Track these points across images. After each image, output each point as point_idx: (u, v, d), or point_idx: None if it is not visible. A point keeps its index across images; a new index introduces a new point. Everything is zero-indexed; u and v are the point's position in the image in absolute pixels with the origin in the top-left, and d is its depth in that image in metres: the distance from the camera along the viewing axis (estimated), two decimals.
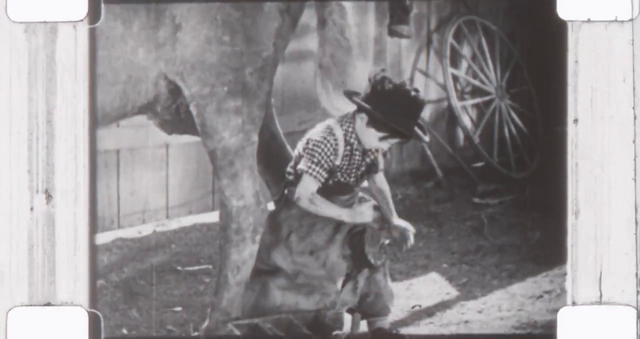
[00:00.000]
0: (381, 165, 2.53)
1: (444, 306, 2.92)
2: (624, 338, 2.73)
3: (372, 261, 2.41)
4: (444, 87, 3.99)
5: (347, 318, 2.62)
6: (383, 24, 3.76)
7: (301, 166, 2.36)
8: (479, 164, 3.90)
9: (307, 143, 2.42)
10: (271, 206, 2.65)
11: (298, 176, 2.44)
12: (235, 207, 2.42)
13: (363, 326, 2.63)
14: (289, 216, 2.46)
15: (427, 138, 2.37)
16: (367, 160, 2.43)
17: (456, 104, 3.99)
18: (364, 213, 2.39)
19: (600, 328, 2.74)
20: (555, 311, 2.79)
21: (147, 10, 2.26)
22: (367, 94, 2.32)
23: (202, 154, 2.84)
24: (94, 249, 2.70)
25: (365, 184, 2.62)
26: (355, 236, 2.45)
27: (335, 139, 2.36)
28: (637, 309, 2.71)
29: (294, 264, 2.40)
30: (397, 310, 2.85)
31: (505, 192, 3.69)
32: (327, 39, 2.50)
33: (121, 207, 3.27)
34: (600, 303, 2.75)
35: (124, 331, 2.62)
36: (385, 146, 2.41)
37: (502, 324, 2.76)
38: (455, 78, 4.01)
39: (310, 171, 2.34)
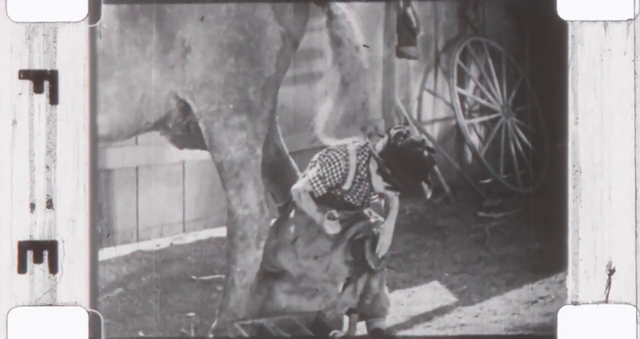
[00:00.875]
0: (394, 202, 2.71)
1: (442, 311, 3.11)
2: (625, 337, 2.76)
3: (372, 266, 2.63)
4: (451, 106, 4.15)
5: (346, 320, 2.82)
6: (391, 46, 3.98)
7: (309, 172, 2.58)
8: (487, 181, 4.05)
9: (324, 155, 2.62)
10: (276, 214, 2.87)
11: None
12: (240, 215, 2.66)
13: (360, 327, 2.84)
14: (296, 222, 2.68)
15: (429, 195, 2.56)
16: (375, 193, 2.62)
17: (463, 122, 4.16)
18: (329, 227, 2.60)
19: (601, 327, 2.77)
20: (548, 314, 2.96)
21: (159, 34, 2.52)
22: (384, 145, 2.50)
23: (216, 171, 3.08)
24: (94, 251, 2.74)
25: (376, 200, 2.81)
26: (357, 244, 2.66)
27: (347, 166, 2.58)
28: (636, 308, 2.75)
29: (299, 268, 2.62)
30: (398, 315, 3.05)
31: (510, 206, 3.85)
32: (345, 57, 2.73)
33: (140, 222, 3.50)
34: (600, 302, 2.79)
35: (141, 333, 2.84)
36: (390, 194, 2.60)
37: (495, 326, 2.95)
38: (463, 97, 4.18)
39: (312, 181, 2.56)
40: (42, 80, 2.66)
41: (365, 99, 3.63)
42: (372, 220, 2.60)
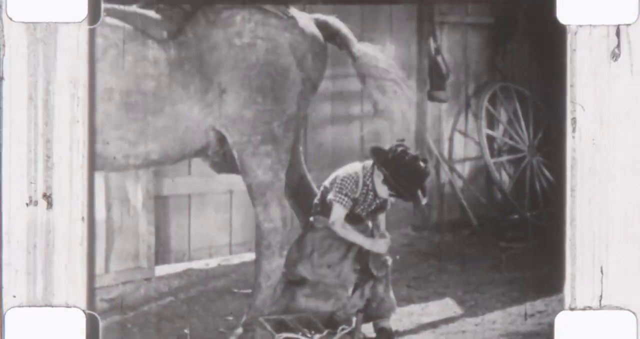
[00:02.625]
0: (387, 207, 3.30)
1: (448, 321, 3.62)
2: None
3: (375, 272, 3.19)
4: (480, 145, 4.57)
5: (354, 319, 3.38)
6: (423, 90, 4.50)
7: (331, 196, 3.19)
8: (514, 216, 4.44)
9: (335, 179, 3.23)
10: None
11: (324, 206, 3.25)
12: (266, 228, 3.28)
13: (366, 325, 3.38)
14: (312, 238, 3.29)
15: (425, 201, 3.13)
16: (377, 202, 3.22)
17: (490, 161, 4.57)
18: (382, 246, 3.18)
19: (599, 332, 2.88)
20: (540, 324, 3.40)
21: (200, 78, 3.17)
22: (388, 159, 3.09)
23: None
24: (91, 252, 2.77)
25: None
26: (363, 254, 3.25)
27: (357, 178, 3.17)
28: (634, 313, 2.86)
29: (315, 275, 3.22)
30: (408, 323, 3.57)
31: (530, 237, 4.25)
32: (371, 88, 3.31)
33: (191, 244, 3.98)
34: (598, 307, 2.90)
35: (186, 331, 3.43)
36: (392, 200, 3.19)
37: (492, 333, 3.44)
38: (492, 138, 4.60)
39: (338, 199, 3.17)
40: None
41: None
42: (376, 236, 3.18)
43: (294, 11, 3.35)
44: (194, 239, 3.88)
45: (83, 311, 2.73)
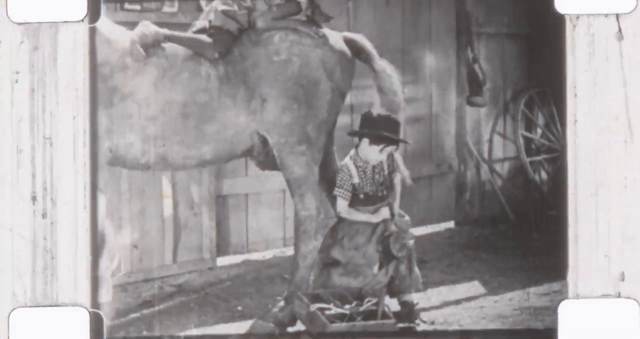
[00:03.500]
0: (393, 184, 3.90)
1: (470, 298, 4.14)
2: (627, 331, 2.94)
3: (395, 253, 3.79)
4: (516, 146, 4.85)
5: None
6: (462, 96, 5.00)
7: (334, 192, 3.81)
8: (552, 212, 4.69)
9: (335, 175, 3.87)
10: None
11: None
12: (303, 216, 3.92)
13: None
14: (343, 225, 3.91)
15: (408, 141, 3.67)
16: (377, 177, 3.83)
17: (525, 160, 4.94)
18: (382, 214, 3.79)
19: (603, 320, 2.98)
20: (552, 301, 3.81)
21: (244, 89, 3.83)
22: (361, 125, 3.69)
23: None
24: (95, 251, 2.79)
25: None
26: (385, 237, 3.85)
27: (348, 167, 3.79)
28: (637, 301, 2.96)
29: (345, 257, 3.84)
30: (435, 300, 4.11)
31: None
32: (386, 99, 3.93)
33: (249, 237, 4.52)
34: (603, 296, 3.02)
35: (239, 308, 4.06)
36: (383, 156, 3.79)
37: (507, 308, 3.94)
38: (530, 139, 4.97)
39: (337, 193, 3.80)
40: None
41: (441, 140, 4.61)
42: (394, 222, 3.79)
43: (325, 30, 3.99)
44: (251, 234, 4.42)
45: (87, 310, 2.78)
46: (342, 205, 3.81)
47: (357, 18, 4.26)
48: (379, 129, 3.72)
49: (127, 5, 3.80)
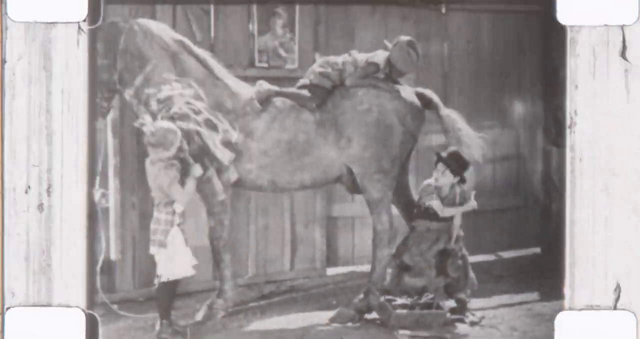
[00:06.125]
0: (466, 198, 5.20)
1: (522, 303, 5.31)
2: None
3: (450, 273, 5.08)
4: None
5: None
6: (549, 137, 6.09)
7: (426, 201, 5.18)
8: None
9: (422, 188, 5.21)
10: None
11: (419, 212, 5.19)
12: (379, 229, 5.30)
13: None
14: (413, 236, 5.25)
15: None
16: (451, 191, 5.13)
17: None
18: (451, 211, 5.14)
19: (599, 333, 3.09)
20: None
21: (334, 132, 5.27)
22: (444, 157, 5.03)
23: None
24: (91, 251, 2.81)
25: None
26: (443, 257, 5.14)
27: (430, 184, 5.11)
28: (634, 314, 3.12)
29: (413, 261, 5.17)
30: (493, 303, 5.30)
31: None
32: (451, 137, 5.24)
33: (355, 252, 5.91)
34: (598, 307, 3.14)
35: (334, 302, 5.44)
36: (458, 185, 5.13)
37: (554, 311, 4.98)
38: None
39: (429, 199, 5.14)
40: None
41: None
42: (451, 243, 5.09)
43: (401, 86, 5.40)
44: (357, 249, 5.74)
45: (83, 310, 2.79)
46: (436, 205, 5.05)
47: (451, 67, 5.52)
48: (457, 164, 4.94)
49: (257, 63, 5.32)
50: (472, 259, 5.20)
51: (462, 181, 4.91)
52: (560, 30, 3.13)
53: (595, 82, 3.23)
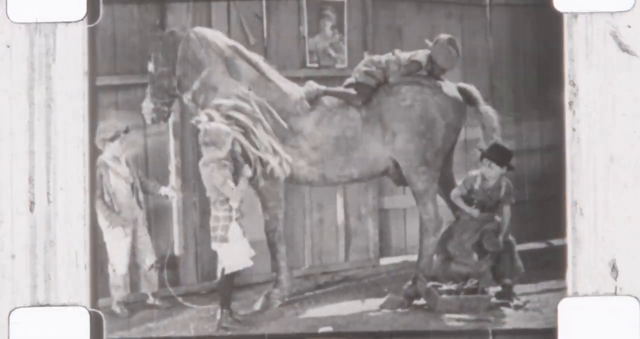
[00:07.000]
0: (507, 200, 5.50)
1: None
2: (626, 328, 2.96)
3: (486, 246, 5.37)
4: None
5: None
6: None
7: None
8: None
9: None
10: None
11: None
12: (424, 219, 5.62)
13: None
14: (456, 226, 5.58)
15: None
16: (489, 188, 5.44)
17: None
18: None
19: (603, 318, 3.05)
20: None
21: (380, 127, 5.61)
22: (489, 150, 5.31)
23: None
24: (94, 251, 2.77)
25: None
26: (483, 236, 5.45)
27: (474, 177, 5.42)
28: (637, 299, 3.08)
29: (456, 250, 5.50)
30: (540, 288, 5.60)
31: None
32: (486, 134, 5.57)
33: (407, 242, 6.11)
34: (601, 293, 3.13)
35: (385, 289, 5.80)
36: (501, 179, 5.43)
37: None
38: None
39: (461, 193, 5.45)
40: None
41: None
42: (491, 225, 5.39)
43: (443, 82, 5.73)
44: (409, 239, 5.98)
45: (87, 309, 2.79)
46: (455, 194, 5.23)
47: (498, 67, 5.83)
48: (501, 156, 5.20)
49: (308, 64, 5.64)
50: (523, 247, 5.41)
51: (511, 168, 5.14)
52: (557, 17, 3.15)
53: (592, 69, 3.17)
